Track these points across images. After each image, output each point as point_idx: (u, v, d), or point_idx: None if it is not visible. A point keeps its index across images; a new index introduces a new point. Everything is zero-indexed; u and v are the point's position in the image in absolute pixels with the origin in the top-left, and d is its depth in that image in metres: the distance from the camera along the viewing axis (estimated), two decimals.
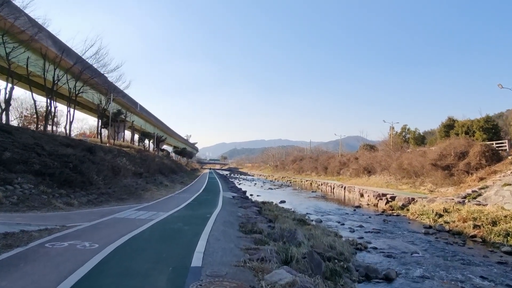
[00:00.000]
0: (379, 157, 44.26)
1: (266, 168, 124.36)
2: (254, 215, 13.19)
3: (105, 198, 13.16)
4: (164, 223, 8.77)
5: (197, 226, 8.52)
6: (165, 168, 34.82)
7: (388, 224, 18.08)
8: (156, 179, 25.68)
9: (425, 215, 19.60)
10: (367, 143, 72.16)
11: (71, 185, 12.09)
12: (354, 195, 33.76)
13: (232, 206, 15.26)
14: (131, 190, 16.95)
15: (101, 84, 29.88)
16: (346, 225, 17.41)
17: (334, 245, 9.87)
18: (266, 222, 11.98)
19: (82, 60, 24.89)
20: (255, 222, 11.06)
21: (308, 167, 72.85)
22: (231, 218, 10.95)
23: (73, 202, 10.96)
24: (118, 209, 11.41)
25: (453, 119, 48.16)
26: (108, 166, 18.04)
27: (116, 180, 17.15)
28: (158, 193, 19.50)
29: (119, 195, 14.61)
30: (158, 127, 69.03)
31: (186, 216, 10.51)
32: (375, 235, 14.76)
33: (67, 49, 23.86)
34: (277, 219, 14.03)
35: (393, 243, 13.18)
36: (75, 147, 18.59)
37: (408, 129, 60.60)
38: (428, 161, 31.30)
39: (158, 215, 10.33)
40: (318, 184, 50.03)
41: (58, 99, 30.28)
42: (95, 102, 32.68)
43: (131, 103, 48.31)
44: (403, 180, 35.81)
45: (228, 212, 12.70)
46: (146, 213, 10.56)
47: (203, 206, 13.93)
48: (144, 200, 15.30)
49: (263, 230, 9.47)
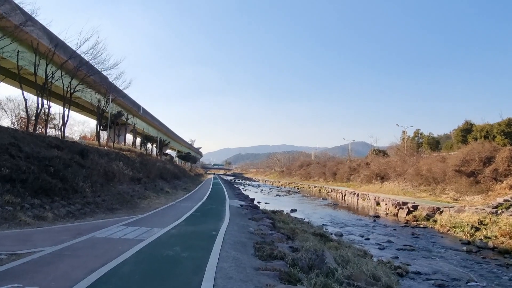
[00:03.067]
0: (393, 163, 41.91)
1: (271, 174, 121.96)
2: (268, 230, 10.99)
3: (91, 208, 11.02)
4: (155, 247, 6.57)
5: (199, 252, 6.33)
6: (167, 173, 32.70)
7: (418, 239, 15.78)
8: (157, 185, 23.55)
9: (458, 228, 17.29)
10: (376, 149, 69.87)
11: (48, 193, 9.98)
12: (369, 203, 31.42)
13: (242, 218, 13.07)
14: (126, 198, 14.80)
15: (99, 83, 27.92)
16: (372, 239, 15.15)
17: (376, 274, 7.64)
18: (285, 239, 9.78)
19: (77, 55, 22.93)
20: (272, 241, 8.88)
21: (315, 173, 70.47)
22: (243, 236, 8.75)
23: (47, 215, 8.84)
24: (102, 223, 9.24)
25: (470, 123, 45.74)
26: (100, 170, 15.94)
27: (108, 186, 15.03)
28: (157, 201, 17.34)
29: (109, 204, 12.48)
30: (162, 130, 67.14)
31: (187, 234, 8.32)
32: (410, 254, 12.50)
33: (60, 42, 21.93)
34: (296, 235, 11.83)
35: (437, 265, 10.90)
36: (65, 149, 16.54)
37: (421, 134, 58.20)
38: (450, 167, 28.96)
39: (150, 233, 8.15)
40: (327, 191, 47.68)
41: (52, 98, 28.36)
42: (94, 103, 30.70)
43: (133, 105, 46.43)
44: (421, 187, 33.44)
45: (238, 226, 10.52)
46: (136, 230, 8.38)
47: (208, 219, 11.75)
48: (139, 211, 13.14)
49: (286, 255, 7.28)
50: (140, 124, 54.16)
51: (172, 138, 79.35)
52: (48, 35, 21.74)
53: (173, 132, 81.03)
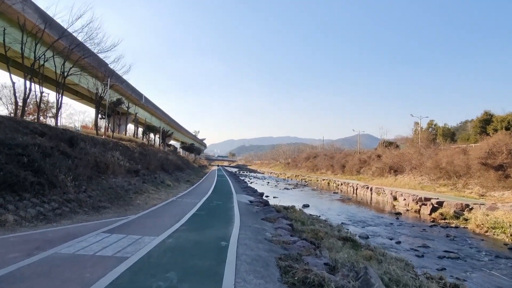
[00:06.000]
0: (408, 155, 39.62)
1: (276, 166, 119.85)
2: (289, 235, 8.93)
3: (71, 207, 8.99)
4: (140, 274, 4.48)
5: (205, 282, 4.27)
6: (169, 164, 30.69)
7: (456, 242, 13.66)
8: (157, 178, 21.54)
9: (499, 229, 15.15)
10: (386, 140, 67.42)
11: (15, 189, 7.94)
12: (385, 198, 29.27)
13: (254, 218, 11.00)
14: (119, 194, 12.76)
15: (96, 67, 25.77)
16: (403, 243, 13.06)
17: None
18: (312, 249, 7.69)
19: (69, 33, 20.77)
20: (299, 254, 6.81)
21: (323, 165, 68.30)
22: (261, 248, 6.68)
23: (6, 218, 6.81)
24: (79, 229, 7.18)
25: (490, 114, 43.35)
26: (90, 161, 13.89)
27: (99, 180, 12.98)
28: (155, 196, 15.30)
29: (96, 201, 10.44)
30: (165, 121, 65.10)
31: (187, 246, 6.22)
32: (457, 264, 10.41)
33: (50, 19, 19.74)
34: (321, 241, 9.76)
35: (495, 281, 8.80)
36: (52, 137, 14.53)
37: (435, 125, 55.73)
38: (475, 159, 26.69)
39: (139, 244, 6.08)
40: (337, 184, 45.55)
41: (46, 84, 26.36)
42: (91, 89, 28.59)
43: (134, 93, 44.31)
44: (440, 181, 31.20)
45: (252, 231, 8.45)
46: (121, 240, 6.31)
47: (214, 220, 9.69)
48: (133, 209, 11.10)
49: (325, 280, 5.20)
50: (142, 114, 52.13)
51: (176, 129, 77.33)
52: (36, 10, 19.59)
53: (177, 122, 79.00)
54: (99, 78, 28.25)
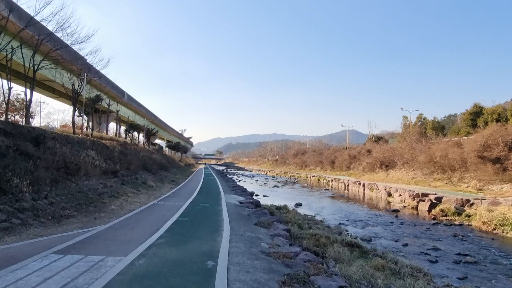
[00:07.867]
0: (400, 149, 38.79)
1: (264, 163, 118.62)
2: (288, 245, 7.55)
3: (23, 218, 7.39)
4: None
5: None
6: (152, 164, 28.96)
7: (465, 242, 12.53)
8: (138, 179, 19.88)
9: (509, 226, 14.11)
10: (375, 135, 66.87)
11: None
12: (379, 194, 28.25)
13: (246, 224, 9.57)
14: (90, 199, 11.13)
15: (69, 60, 23.81)
16: (410, 245, 11.83)
17: None
18: (320, 264, 6.30)
19: (37, 22, 18.84)
20: (306, 273, 5.42)
21: (312, 161, 67.34)
22: (258, 266, 5.25)
23: None
24: (22, 249, 5.59)
25: (480, 106, 42.85)
26: (58, 162, 12.22)
27: (66, 183, 11.33)
28: (134, 199, 13.69)
29: (59, 209, 8.83)
30: (149, 119, 62.96)
31: (162, 271, 4.69)
32: (476, 270, 9.19)
33: (15, 5, 17.80)
34: (325, 249, 8.42)
35: None
36: (15, 135, 12.81)
37: (425, 118, 55.29)
38: (470, 152, 25.85)
39: (97, 271, 4.54)
40: (327, 180, 44.51)
41: (17, 79, 24.32)
42: (66, 85, 26.58)
43: (115, 90, 42.22)
44: (434, 175, 30.40)
45: (245, 242, 7.02)
46: (74, 265, 4.79)
47: (199, 229, 8.21)
48: (103, 217, 9.51)
49: None
50: (124, 112, 49.98)
51: (161, 127, 75.18)
52: None
53: (162, 120, 76.78)
54: (74, 72, 26.27)
